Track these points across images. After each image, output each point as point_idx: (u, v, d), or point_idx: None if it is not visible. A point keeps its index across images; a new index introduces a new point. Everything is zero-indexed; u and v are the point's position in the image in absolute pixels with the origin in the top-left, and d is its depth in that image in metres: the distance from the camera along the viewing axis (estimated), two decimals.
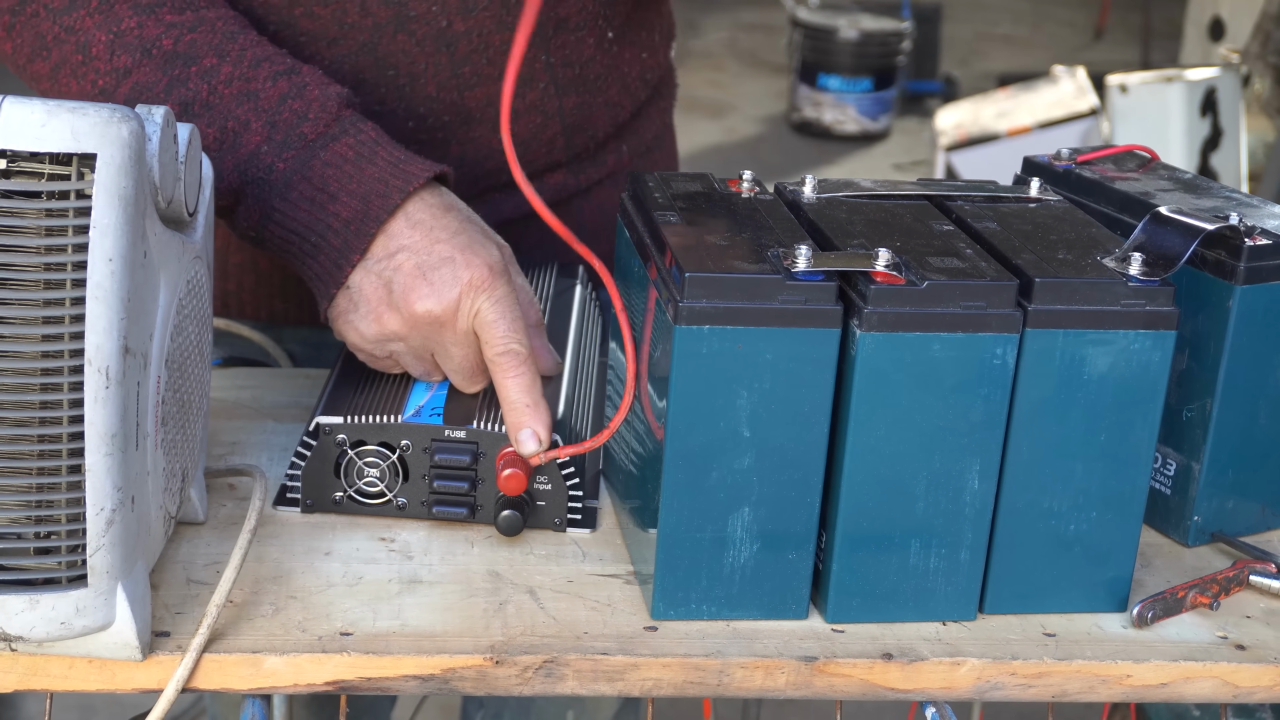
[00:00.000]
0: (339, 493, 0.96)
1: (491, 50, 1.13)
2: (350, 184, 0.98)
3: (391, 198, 0.97)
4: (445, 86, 1.13)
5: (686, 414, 0.84)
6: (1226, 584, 0.93)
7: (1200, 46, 5.09)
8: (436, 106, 1.14)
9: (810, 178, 0.98)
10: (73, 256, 0.73)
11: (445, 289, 0.95)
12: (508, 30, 1.13)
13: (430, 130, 1.15)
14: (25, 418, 0.74)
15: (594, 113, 1.23)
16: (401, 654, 0.83)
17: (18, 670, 0.81)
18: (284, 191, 0.98)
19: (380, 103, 1.13)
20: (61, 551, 0.77)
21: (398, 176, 0.98)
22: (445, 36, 1.12)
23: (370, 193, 0.97)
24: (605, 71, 1.22)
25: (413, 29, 1.11)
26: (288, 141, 0.99)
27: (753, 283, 0.82)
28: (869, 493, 0.86)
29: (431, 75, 1.13)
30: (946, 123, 4.28)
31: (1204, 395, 0.95)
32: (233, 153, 0.99)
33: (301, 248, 0.99)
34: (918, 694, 0.87)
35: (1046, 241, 0.91)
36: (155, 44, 1.00)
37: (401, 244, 0.97)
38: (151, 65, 0.99)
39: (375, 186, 0.98)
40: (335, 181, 0.98)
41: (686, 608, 0.88)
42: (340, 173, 0.98)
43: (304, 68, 1.02)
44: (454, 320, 0.96)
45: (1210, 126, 3.85)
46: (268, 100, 0.99)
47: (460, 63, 1.12)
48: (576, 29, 1.18)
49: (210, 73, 0.99)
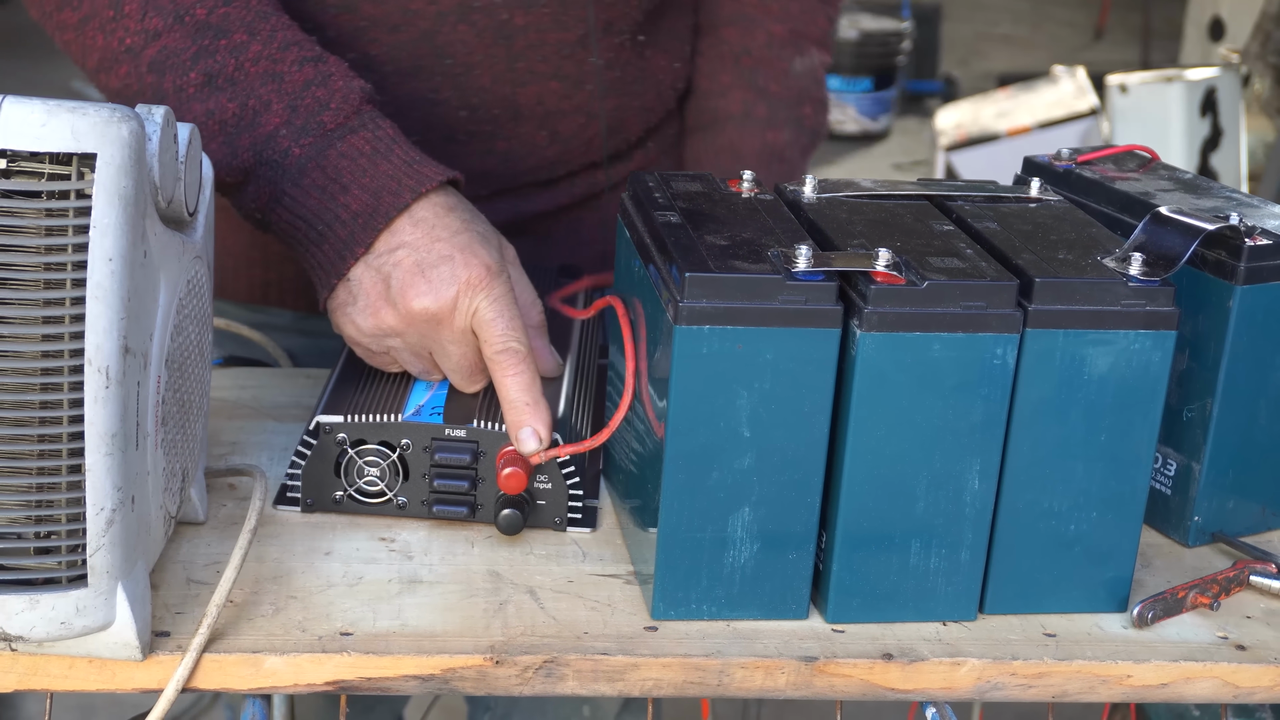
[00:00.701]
0: (339, 492, 0.96)
1: (547, 48, 1.15)
2: (363, 178, 0.98)
3: (403, 196, 0.97)
4: (499, 80, 1.14)
5: (686, 414, 0.84)
6: (1227, 584, 0.93)
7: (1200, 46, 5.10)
8: (488, 99, 1.15)
9: (810, 178, 0.98)
10: (73, 256, 0.73)
11: (443, 287, 0.95)
12: (565, 30, 1.15)
13: (479, 122, 1.16)
14: (25, 417, 0.74)
15: (630, 116, 1.24)
16: (401, 654, 0.83)
17: (18, 670, 0.81)
18: (296, 177, 0.98)
19: (434, 91, 1.14)
20: (61, 551, 0.77)
21: (411, 176, 0.98)
22: (505, 30, 1.13)
23: (382, 189, 0.98)
24: (641, 76, 1.23)
25: (474, 19, 1.12)
26: (306, 128, 0.99)
27: (753, 283, 0.82)
28: (869, 493, 0.86)
29: (487, 67, 1.14)
30: (946, 123, 4.28)
31: (1204, 395, 0.95)
32: (250, 131, 0.99)
33: (307, 235, 0.99)
34: (918, 694, 0.87)
35: (1047, 241, 0.91)
36: (189, 11, 1.00)
37: (403, 240, 0.97)
38: (182, 32, 1.00)
39: (387, 183, 0.98)
40: (349, 173, 0.98)
41: (687, 608, 0.88)
42: (354, 165, 0.98)
43: (330, 57, 1.02)
44: (451, 318, 0.96)
45: (1210, 126, 3.85)
46: (292, 84, 0.99)
47: (516, 57, 1.13)
48: (620, 33, 1.19)
49: (239, 48, 0.99)
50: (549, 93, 1.17)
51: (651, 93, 1.25)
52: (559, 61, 1.16)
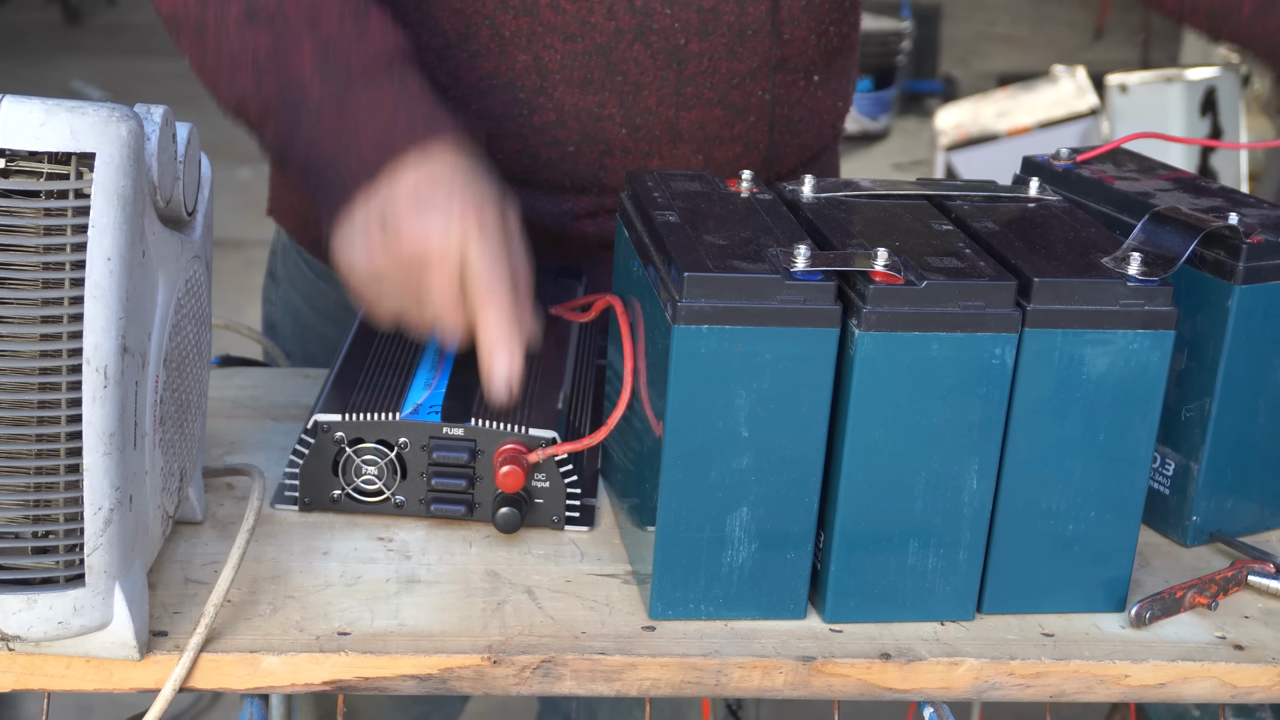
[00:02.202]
0: (337, 491, 0.96)
1: (717, 76, 1.16)
2: (378, 125, 0.98)
3: (414, 141, 0.97)
4: (665, 102, 1.16)
5: (685, 413, 0.84)
6: (1225, 584, 0.93)
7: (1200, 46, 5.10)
8: (651, 119, 1.16)
9: (810, 177, 0.98)
10: (71, 256, 0.73)
11: (434, 230, 0.95)
12: (738, 61, 1.16)
13: (639, 141, 1.17)
14: (23, 417, 0.74)
15: (788, 151, 1.25)
16: (399, 654, 0.83)
17: (15, 670, 0.81)
18: (315, 120, 0.99)
19: (601, 105, 1.15)
20: (59, 551, 0.77)
21: (424, 126, 0.98)
22: (679, 54, 1.14)
23: (394, 135, 0.98)
24: (808, 115, 1.24)
25: (650, 40, 1.13)
26: (333, 74, 0.99)
27: (751, 282, 0.82)
28: (867, 492, 0.86)
29: (655, 89, 1.15)
30: (946, 122, 4.28)
31: (1203, 395, 0.95)
32: (279, 70, 1.00)
33: (319, 175, 1.00)
34: (916, 694, 0.87)
35: (1045, 241, 0.91)
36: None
37: (405, 182, 0.97)
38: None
39: (400, 131, 0.98)
40: (365, 121, 0.99)
41: (684, 607, 0.88)
42: (372, 114, 0.99)
43: (374, 12, 1.03)
44: (441, 261, 0.95)
45: (1210, 126, 3.85)
46: (328, 31, 1.00)
47: (685, 82, 1.15)
48: (793, 71, 1.20)
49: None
50: (711, 119, 1.18)
51: (813, 131, 1.26)
52: (726, 90, 1.17)
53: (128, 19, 7.24)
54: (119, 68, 6.36)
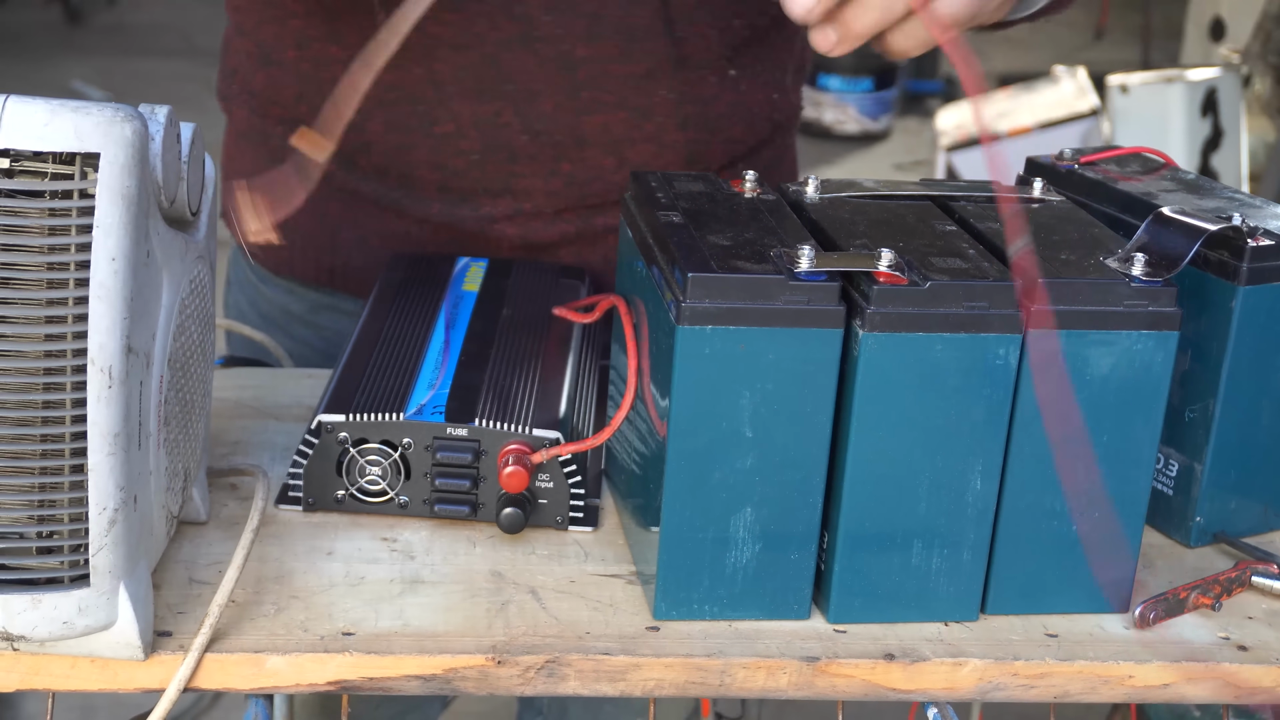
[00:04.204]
0: (341, 491, 0.96)
1: (611, 80, 1.15)
2: None
3: None
4: (563, 107, 1.15)
5: (689, 414, 0.84)
6: (1229, 585, 0.93)
7: (1201, 46, 5.10)
8: (551, 125, 1.15)
9: (813, 178, 0.98)
10: (76, 256, 0.73)
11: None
12: (632, 63, 1.14)
13: (542, 146, 1.16)
14: (28, 417, 0.74)
15: (713, 147, 1.23)
16: (403, 654, 0.83)
17: (20, 670, 0.81)
18: None
19: (497, 114, 1.14)
20: (64, 551, 0.77)
21: None
22: (568, 60, 1.13)
23: None
24: (729, 110, 1.22)
25: (537, 48, 1.12)
26: None
27: (755, 283, 0.82)
28: (871, 493, 0.86)
29: (550, 95, 1.14)
30: (947, 123, 4.28)
31: (1206, 396, 0.95)
32: None
33: None
34: (919, 694, 0.87)
35: (1049, 242, 0.91)
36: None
37: None
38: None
39: None
40: None
41: (688, 608, 0.88)
42: None
43: None
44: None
45: (1211, 127, 3.85)
46: None
47: (580, 86, 1.14)
48: (699, 67, 1.18)
49: None
50: (616, 122, 1.17)
51: (740, 125, 1.24)
52: (625, 93, 1.16)
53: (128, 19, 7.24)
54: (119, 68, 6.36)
